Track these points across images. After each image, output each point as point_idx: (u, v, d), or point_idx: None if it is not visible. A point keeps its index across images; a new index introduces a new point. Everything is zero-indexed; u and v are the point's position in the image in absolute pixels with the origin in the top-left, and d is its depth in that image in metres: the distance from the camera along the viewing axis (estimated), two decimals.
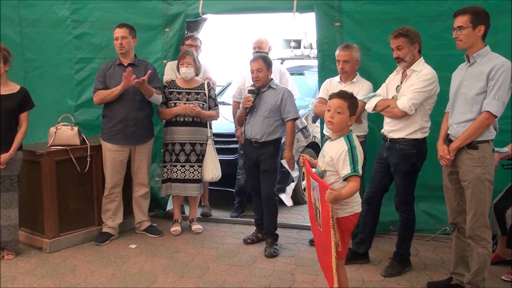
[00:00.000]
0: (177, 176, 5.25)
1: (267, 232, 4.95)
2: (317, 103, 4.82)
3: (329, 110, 3.41)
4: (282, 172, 5.25)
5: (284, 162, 4.86)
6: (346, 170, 3.26)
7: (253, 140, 4.84)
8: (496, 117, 3.46)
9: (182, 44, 5.65)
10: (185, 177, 5.25)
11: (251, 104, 4.80)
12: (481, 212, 3.56)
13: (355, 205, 3.36)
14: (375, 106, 4.21)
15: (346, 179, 3.28)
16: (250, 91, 4.90)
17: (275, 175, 4.88)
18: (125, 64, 5.01)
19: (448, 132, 3.75)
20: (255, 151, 4.86)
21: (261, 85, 4.83)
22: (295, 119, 4.83)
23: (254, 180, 4.96)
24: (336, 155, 3.32)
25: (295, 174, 5.06)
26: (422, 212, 4.93)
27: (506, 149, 4.24)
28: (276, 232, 4.95)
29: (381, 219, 4.57)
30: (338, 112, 3.35)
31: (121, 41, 4.96)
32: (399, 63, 4.10)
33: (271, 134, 4.80)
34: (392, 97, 4.16)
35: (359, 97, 4.41)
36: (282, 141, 5.01)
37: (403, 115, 4.01)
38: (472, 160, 3.55)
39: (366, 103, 4.33)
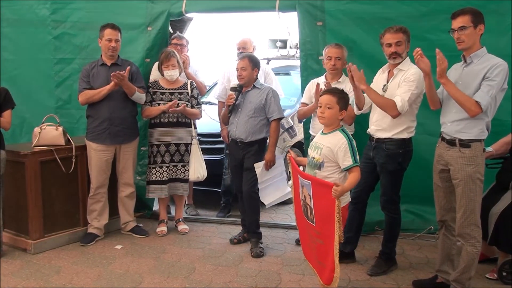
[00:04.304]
0: (163, 177, 5.24)
1: (249, 231, 4.96)
2: (300, 108, 4.88)
3: (320, 106, 3.66)
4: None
5: (256, 165, 4.76)
6: (348, 161, 3.53)
7: (238, 140, 4.84)
8: (481, 110, 3.48)
9: (170, 44, 5.63)
10: (171, 177, 5.26)
11: (233, 101, 4.81)
12: (471, 210, 3.60)
13: (347, 196, 3.59)
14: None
15: (347, 170, 3.54)
16: (232, 89, 4.92)
17: (256, 173, 4.85)
18: (108, 64, 5.00)
19: (442, 130, 3.79)
20: (240, 151, 4.86)
21: (245, 84, 4.83)
22: (280, 119, 4.83)
23: (240, 181, 4.95)
24: (335, 147, 3.56)
25: (265, 177, 4.85)
26: (407, 211, 4.95)
27: (490, 148, 4.29)
28: (258, 230, 4.95)
29: (367, 219, 4.60)
30: (328, 108, 3.61)
31: (114, 44, 4.94)
32: (395, 58, 4.07)
33: (256, 134, 4.80)
34: None
35: None
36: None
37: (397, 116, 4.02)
38: (464, 158, 3.59)
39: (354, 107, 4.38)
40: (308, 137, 5.03)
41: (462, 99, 3.50)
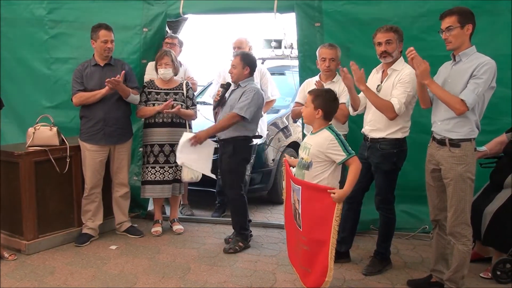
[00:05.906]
0: (156, 177, 5.21)
1: (234, 231, 4.97)
2: (293, 107, 4.88)
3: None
4: (263, 171, 5.21)
5: (185, 134, 4.70)
6: (341, 155, 3.51)
7: (217, 138, 4.88)
8: (468, 108, 3.48)
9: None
10: (165, 178, 5.23)
11: (218, 98, 4.88)
12: (462, 209, 3.61)
13: None
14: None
15: (345, 162, 3.52)
16: (221, 85, 4.99)
17: (235, 176, 4.84)
18: (101, 65, 4.98)
19: (432, 129, 3.80)
20: (220, 149, 4.91)
21: (235, 82, 4.85)
22: (241, 117, 4.62)
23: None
24: (323, 145, 3.54)
25: (185, 149, 4.66)
26: (401, 211, 4.96)
27: (484, 148, 4.31)
28: (244, 232, 4.93)
29: (362, 218, 4.60)
30: (306, 107, 3.70)
31: (110, 45, 4.93)
32: (385, 57, 4.08)
33: (230, 131, 4.74)
34: None
35: (342, 100, 4.40)
36: (258, 142, 4.98)
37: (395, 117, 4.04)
38: (454, 157, 3.60)
39: (349, 107, 4.40)
40: (305, 136, 5.04)
41: (447, 98, 3.52)
